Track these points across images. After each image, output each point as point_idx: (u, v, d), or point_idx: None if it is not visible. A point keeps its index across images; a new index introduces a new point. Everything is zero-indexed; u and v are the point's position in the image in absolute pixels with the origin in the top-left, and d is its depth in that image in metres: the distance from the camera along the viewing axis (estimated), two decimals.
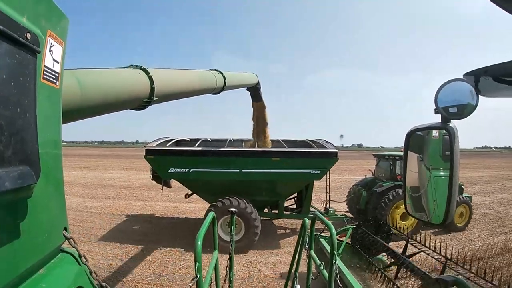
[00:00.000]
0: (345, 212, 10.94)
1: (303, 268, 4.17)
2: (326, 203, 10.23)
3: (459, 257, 4.68)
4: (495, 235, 9.78)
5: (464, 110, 1.32)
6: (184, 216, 12.06)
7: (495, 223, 11.48)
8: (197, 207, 13.14)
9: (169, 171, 8.31)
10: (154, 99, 3.47)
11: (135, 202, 14.29)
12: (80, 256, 1.37)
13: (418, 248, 5.43)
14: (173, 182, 9.70)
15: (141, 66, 3.42)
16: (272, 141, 10.23)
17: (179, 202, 14.03)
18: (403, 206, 8.85)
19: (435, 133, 1.76)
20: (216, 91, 6.34)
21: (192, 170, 8.24)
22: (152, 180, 9.48)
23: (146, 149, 8.42)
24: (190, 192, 9.68)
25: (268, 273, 6.87)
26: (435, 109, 1.40)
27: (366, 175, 11.70)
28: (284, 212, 9.52)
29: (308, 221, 3.84)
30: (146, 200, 14.86)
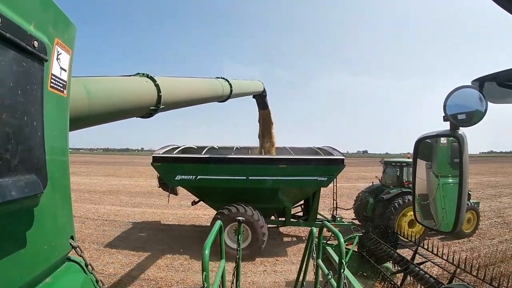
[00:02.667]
0: (352, 219, 10.84)
1: (310, 276, 4.13)
2: (333, 210, 10.14)
3: (466, 264, 4.59)
4: None
5: (473, 117, 1.30)
6: (116, 219, 12.49)
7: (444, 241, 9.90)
8: (137, 211, 13.88)
9: (176, 178, 8.33)
10: (161, 107, 3.48)
11: (85, 205, 14.78)
12: (86, 265, 1.36)
13: (425, 257, 5.35)
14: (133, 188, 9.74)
15: (148, 74, 3.44)
16: (279, 148, 10.22)
17: (125, 206, 14.94)
18: (410, 213, 8.80)
19: (443, 140, 1.74)
20: (222, 99, 6.36)
21: (199, 177, 8.26)
22: (159, 187, 9.51)
23: (153, 156, 8.48)
24: (197, 199, 9.69)
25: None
26: (443, 116, 1.38)
27: (373, 182, 11.60)
28: (291, 219, 9.46)
29: (315, 230, 3.81)
30: (98, 204, 15.43)
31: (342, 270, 2.85)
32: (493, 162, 57.10)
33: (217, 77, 6.22)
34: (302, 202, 10.13)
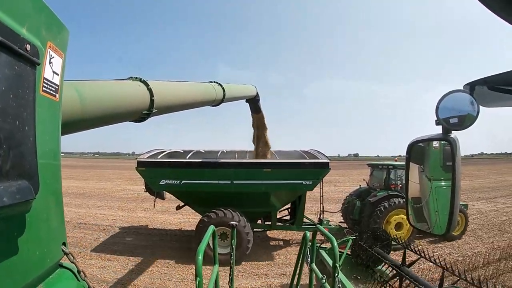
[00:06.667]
0: (340, 222, 10.82)
1: (304, 280, 4.12)
2: (320, 214, 10.10)
3: (458, 266, 4.62)
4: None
5: (465, 121, 1.32)
6: None
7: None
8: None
9: (160, 183, 8.30)
10: (154, 111, 3.46)
11: None
12: (79, 272, 1.34)
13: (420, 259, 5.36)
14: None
15: (140, 78, 3.42)
16: None
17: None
18: (397, 216, 8.88)
19: (435, 144, 1.76)
20: (215, 103, 6.35)
21: (183, 181, 8.24)
22: (146, 191, 9.45)
23: (137, 161, 8.45)
24: (182, 204, 9.66)
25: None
26: (436, 120, 1.40)
27: (360, 185, 11.63)
28: (278, 223, 9.46)
29: (309, 234, 3.81)
30: None
31: (336, 274, 2.85)
32: (476, 164, 56.42)
33: (210, 81, 6.21)
34: (288, 205, 10.10)
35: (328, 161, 8.54)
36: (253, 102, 9.17)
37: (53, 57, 1.12)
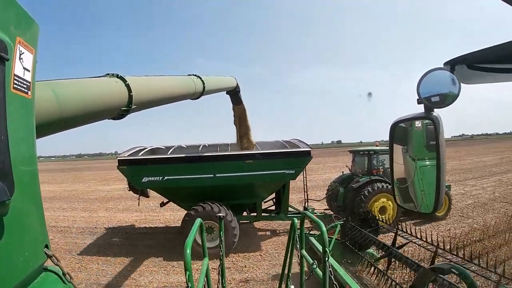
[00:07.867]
0: (325, 209, 10.99)
1: (295, 268, 4.16)
2: (305, 202, 10.22)
3: (445, 245, 4.74)
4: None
5: (447, 99, 1.33)
6: None
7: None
8: None
9: (143, 181, 8.20)
10: (133, 107, 3.40)
11: None
12: (64, 274, 1.30)
13: (407, 239, 5.50)
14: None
15: (117, 74, 3.35)
16: None
17: None
18: (380, 200, 9.08)
19: (418, 124, 1.78)
20: (195, 96, 6.28)
21: (166, 178, 8.16)
22: (129, 190, 9.35)
23: (118, 160, 8.31)
24: (166, 200, 9.61)
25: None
26: (417, 99, 1.40)
27: (343, 171, 11.79)
28: (263, 214, 9.54)
29: (297, 221, 3.83)
30: None
31: (326, 259, 2.88)
32: (455, 146, 56.53)
33: (189, 74, 6.14)
34: (273, 196, 10.18)
35: (310, 149, 8.62)
36: (234, 94, 9.15)
37: (23, 53, 1.09)
